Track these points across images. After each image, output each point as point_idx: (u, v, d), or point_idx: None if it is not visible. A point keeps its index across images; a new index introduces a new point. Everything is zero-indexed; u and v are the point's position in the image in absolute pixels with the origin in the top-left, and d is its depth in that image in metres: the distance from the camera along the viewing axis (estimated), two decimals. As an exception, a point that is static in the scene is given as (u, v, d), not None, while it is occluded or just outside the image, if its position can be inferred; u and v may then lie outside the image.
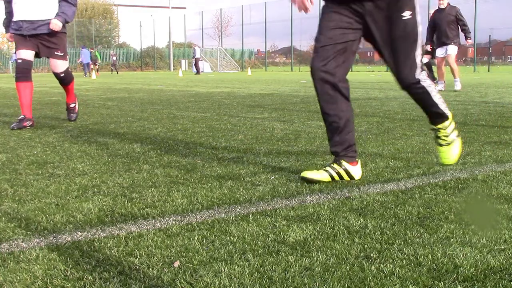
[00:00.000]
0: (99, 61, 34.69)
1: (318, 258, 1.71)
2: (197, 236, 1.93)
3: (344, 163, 2.79)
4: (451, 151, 3.08)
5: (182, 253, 1.78)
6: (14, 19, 5.35)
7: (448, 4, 10.87)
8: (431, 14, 11.24)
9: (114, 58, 38.60)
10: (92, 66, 32.61)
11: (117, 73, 37.18)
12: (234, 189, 2.65)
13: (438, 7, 10.99)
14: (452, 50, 10.80)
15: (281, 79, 21.16)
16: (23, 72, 5.33)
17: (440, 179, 2.80)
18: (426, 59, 14.60)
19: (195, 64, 31.93)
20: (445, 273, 1.58)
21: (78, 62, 40.78)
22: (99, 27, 58.70)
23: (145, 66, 53.36)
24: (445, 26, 10.76)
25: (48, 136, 4.63)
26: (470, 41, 11.40)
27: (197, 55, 31.99)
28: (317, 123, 5.32)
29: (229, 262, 1.69)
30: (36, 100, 9.58)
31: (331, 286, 1.50)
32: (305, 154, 3.58)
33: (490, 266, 1.63)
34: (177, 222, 2.11)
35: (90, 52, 34.23)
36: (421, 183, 2.72)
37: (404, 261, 1.68)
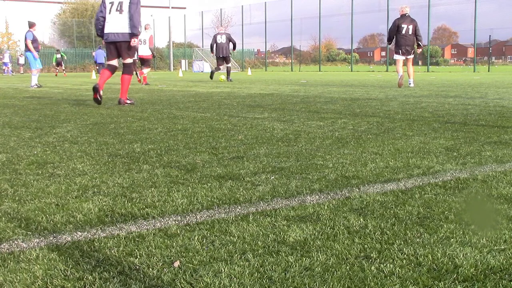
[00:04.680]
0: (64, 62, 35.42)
1: (318, 258, 1.70)
2: (197, 236, 1.93)
3: None
4: None
5: (182, 253, 1.78)
6: None
7: None
8: None
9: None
10: (58, 68, 33.71)
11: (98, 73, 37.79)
12: (234, 189, 2.65)
13: None
14: None
15: (281, 79, 21.16)
16: None
17: (440, 179, 2.80)
18: (220, 67, 14.13)
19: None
20: (445, 273, 1.58)
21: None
22: (99, 27, 58.63)
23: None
24: None
25: (48, 136, 4.63)
26: None
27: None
28: (317, 123, 5.31)
29: (229, 262, 1.69)
30: (36, 100, 9.58)
31: (331, 286, 1.50)
32: (305, 154, 3.57)
33: (490, 266, 1.63)
34: (177, 222, 2.11)
35: (57, 53, 34.95)
36: (421, 183, 2.72)
37: (404, 261, 1.68)
